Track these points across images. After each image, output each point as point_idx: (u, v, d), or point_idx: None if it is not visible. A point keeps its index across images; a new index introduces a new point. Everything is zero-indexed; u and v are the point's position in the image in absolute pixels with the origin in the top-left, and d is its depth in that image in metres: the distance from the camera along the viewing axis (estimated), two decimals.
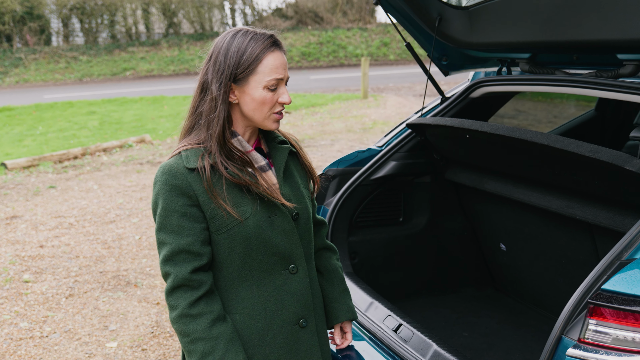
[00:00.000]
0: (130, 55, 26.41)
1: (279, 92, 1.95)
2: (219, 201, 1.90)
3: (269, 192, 1.94)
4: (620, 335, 1.70)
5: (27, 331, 4.67)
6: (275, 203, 1.97)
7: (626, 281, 1.74)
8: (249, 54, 1.91)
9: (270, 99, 1.94)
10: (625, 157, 2.15)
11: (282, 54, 1.96)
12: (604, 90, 2.57)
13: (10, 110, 16.30)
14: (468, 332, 3.20)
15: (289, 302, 2.03)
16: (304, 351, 2.07)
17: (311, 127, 12.64)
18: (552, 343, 1.83)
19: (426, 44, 3.36)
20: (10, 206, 7.91)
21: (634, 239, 1.89)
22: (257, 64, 1.91)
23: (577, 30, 2.62)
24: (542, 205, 2.80)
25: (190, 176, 1.91)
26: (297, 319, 2.05)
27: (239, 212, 1.92)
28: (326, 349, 2.19)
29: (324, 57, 27.11)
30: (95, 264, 5.92)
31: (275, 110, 1.96)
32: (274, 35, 1.97)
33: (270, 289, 2.00)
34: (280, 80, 1.94)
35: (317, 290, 2.16)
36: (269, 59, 1.92)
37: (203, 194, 1.91)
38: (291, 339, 2.04)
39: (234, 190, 1.93)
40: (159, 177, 1.94)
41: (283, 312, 2.02)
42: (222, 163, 1.92)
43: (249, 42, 1.92)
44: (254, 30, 1.95)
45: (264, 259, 1.97)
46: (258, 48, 1.91)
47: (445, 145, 3.23)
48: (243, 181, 1.92)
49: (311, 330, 2.09)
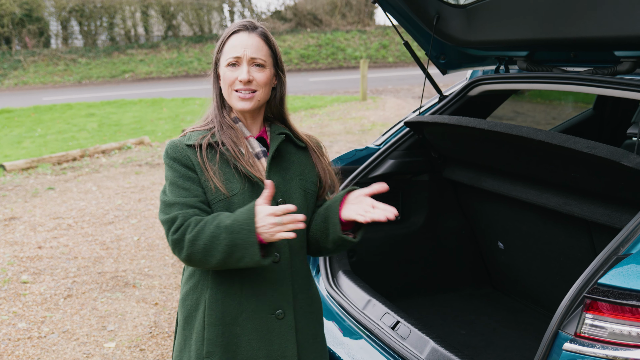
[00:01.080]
0: (129, 58, 26.44)
1: (239, 70, 2.06)
2: (210, 174, 2.04)
3: (251, 170, 2.04)
4: (617, 330, 1.70)
5: (25, 331, 4.67)
6: (262, 188, 2.03)
7: (622, 275, 1.74)
8: (221, 39, 2.13)
9: (229, 76, 2.07)
10: (622, 152, 2.16)
11: (249, 36, 2.08)
12: (601, 88, 2.58)
13: (9, 113, 16.33)
14: (466, 330, 3.21)
15: (266, 290, 2.07)
16: (278, 343, 2.09)
17: (310, 129, 12.66)
18: (549, 338, 1.83)
19: (424, 43, 3.37)
20: (9, 207, 7.91)
21: (631, 234, 1.90)
22: (224, 45, 2.11)
23: (575, 28, 2.63)
24: (539, 203, 2.80)
25: (189, 150, 2.08)
26: (274, 309, 2.08)
27: (227, 188, 2.03)
28: (309, 346, 2.18)
29: (323, 60, 27.14)
30: (93, 265, 5.92)
31: (235, 88, 2.07)
32: (251, 20, 2.13)
33: (249, 272, 2.05)
34: (238, 58, 2.06)
35: (304, 284, 2.17)
36: (232, 40, 2.10)
37: (198, 166, 2.05)
38: (264, 327, 2.08)
39: (225, 169, 2.06)
40: (165, 153, 2.12)
41: (259, 298, 2.07)
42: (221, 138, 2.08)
43: (225, 30, 2.14)
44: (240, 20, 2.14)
45: None
46: (227, 32, 2.11)
47: (443, 143, 3.24)
48: (233, 152, 2.05)
49: (288, 323, 2.10)
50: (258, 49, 2.07)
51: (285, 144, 2.17)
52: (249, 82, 2.06)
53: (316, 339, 2.23)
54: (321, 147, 2.28)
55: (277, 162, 2.13)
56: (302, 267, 2.17)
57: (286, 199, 2.10)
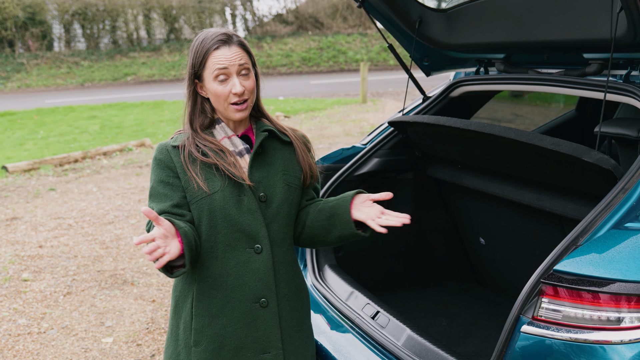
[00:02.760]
0: (132, 61, 26.48)
1: (230, 83, 2.16)
2: (192, 174, 2.16)
3: (233, 170, 2.16)
4: (571, 313, 1.82)
5: (25, 327, 4.79)
6: (243, 184, 2.16)
7: (576, 262, 1.86)
8: (200, 52, 2.18)
9: (221, 91, 2.16)
10: (583, 149, 2.28)
11: (230, 48, 2.17)
12: (570, 88, 2.70)
13: (12, 115, 16.40)
14: (447, 322, 3.32)
15: (250, 280, 2.19)
16: (262, 329, 2.21)
17: (310, 131, 12.75)
18: (511, 322, 1.95)
19: (408, 46, 3.49)
20: (11, 208, 8.03)
21: (589, 226, 2.01)
22: (206, 61, 2.17)
23: (546, 31, 2.75)
24: (515, 199, 2.92)
25: (173, 152, 2.22)
26: (258, 297, 2.20)
27: (208, 187, 2.15)
28: (293, 333, 2.29)
29: (324, 63, 27.18)
30: (93, 264, 6.04)
31: (231, 101, 2.17)
32: (227, 32, 2.20)
33: (233, 264, 2.18)
34: (224, 70, 2.15)
35: (287, 273, 2.28)
36: (214, 54, 2.16)
37: (180, 167, 2.19)
38: (250, 315, 2.20)
39: (206, 168, 2.18)
40: (153, 154, 2.26)
41: (243, 288, 2.19)
42: (196, 145, 2.19)
43: (202, 41, 2.19)
44: (210, 31, 2.21)
45: (228, 234, 2.16)
46: (206, 46, 2.17)
47: (425, 142, 3.35)
48: (212, 159, 2.16)
49: (272, 311, 2.22)
50: (241, 59, 2.17)
51: (270, 140, 2.28)
52: (242, 94, 2.16)
53: (301, 327, 2.33)
54: (306, 140, 2.38)
55: (261, 158, 2.24)
56: (285, 258, 2.28)
57: (269, 193, 2.21)
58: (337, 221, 2.23)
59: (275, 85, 21.97)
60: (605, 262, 1.84)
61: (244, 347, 2.21)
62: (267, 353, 2.23)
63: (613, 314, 1.78)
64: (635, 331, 1.75)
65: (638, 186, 2.08)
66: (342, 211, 2.21)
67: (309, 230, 2.32)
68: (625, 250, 1.87)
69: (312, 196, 2.40)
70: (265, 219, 2.20)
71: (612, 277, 1.79)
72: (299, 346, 2.32)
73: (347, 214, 2.20)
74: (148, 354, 4.38)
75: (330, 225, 2.25)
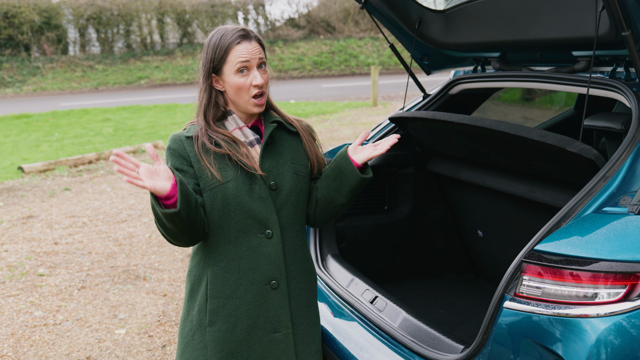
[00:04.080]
0: (145, 64, 26.59)
1: (251, 75, 2.28)
2: (205, 163, 2.27)
3: (245, 161, 2.28)
4: (550, 289, 1.95)
5: (41, 319, 4.94)
6: (255, 174, 2.29)
7: (555, 243, 2.00)
8: (221, 47, 2.29)
9: (243, 83, 2.28)
10: (568, 140, 2.41)
11: (250, 42, 2.29)
12: (561, 84, 2.82)
13: (28, 117, 16.58)
14: (445, 310, 3.44)
15: (261, 263, 2.32)
16: (273, 310, 2.35)
17: (320, 134, 12.87)
18: (496, 300, 2.08)
19: (408, 45, 3.62)
20: (27, 207, 8.21)
21: (571, 210, 2.14)
22: (227, 55, 2.28)
23: (538, 30, 2.88)
24: (509, 191, 3.05)
25: (187, 142, 2.32)
26: (268, 279, 2.33)
27: (221, 176, 2.27)
28: (302, 313, 2.43)
29: (335, 66, 27.24)
30: (106, 260, 6.20)
31: (252, 94, 2.29)
32: (244, 28, 2.31)
33: (245, 249, 2.31)
34: (246, 63, 2.27)
35: (296, 257, 2.41)
36: (236, 48, 2.28)
37: (194, 157, 2.29)
38: (261, 296, 2.33)
39: (219, 158, 2.29)
40: (167, 144, 2.37)
41: (255, 271, 2.32)
42: (209, 136, 2.30)
43: (221, 37, 2.30)
44: (227, 27, 2.32)
45: (240, 220, 2.29)
46: (227, 41, 2.28)
47: (424, 138, 3.49)
48: (225, 150, 2.27)
49: (282, 292, 2.36)
50: (260, 53, 2.30)
51: (278, 131, 2.41)
52: (262, 85, 2.30)
53: (309, 307, 2.48)
54: (311, 130, 2.52)
55: (271, 148, 2.37)
56: (294, 242, 2.41)
57: (279, 181, 2.35)
58: (344, 176, 2.36)
59: (287, 89, 22.08)
60: (583, 243, 1.97)
61: (256, 326, 2.34)
62: (277, 332, 2.36)
63: (589, 290, 1.91)
64: (609, 305, 1.88)
65: (618, 174, 2.21)
66: (344, 165, 2.36)
67: (323, 201, 2.44)
68: (602, 232, 2.00)
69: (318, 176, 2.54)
70: (275, 205, 2.33)
71: (589, 257, 1.92)
72: (307, 326, 2.46)
73: (350, 165, 2.35)
74: (159, 345, 4.51)
75: (339, 184, 2.38)
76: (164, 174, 2.09)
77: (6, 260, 6.21)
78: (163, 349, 4.46)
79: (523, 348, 1.98)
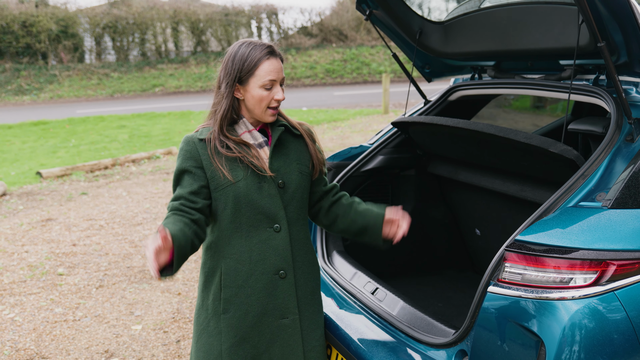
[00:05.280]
0: (160, 72, 26.80)
1: (274, 91, 2.47)
2: (217, 165, 2.45)
3: (256, 162, 2.48)
4: (529, 275, 2.15)
5: (61, 315, 5.14)
6: (264, 175, 2.49)
7: (535, 233, 2.20)
8: (250, 60, 2.43)
9: (266, 97, 2.47)
10: (550, 141, 2.61)
11: (277, 60, 2.48)
12: (549, 91, 3.02)
13: (45, 124, 16.83)
14: (443, 304, 3.62)
15: (270, 255, 2.52)
16: (281, 298, 2.55)
17: (331, 141, 13.02)
18: (482, 286, 2.28)
19: (410, 54, 3.83)
20: (46, 210, 8.42)
21: (552, 205, 2.35)
22: (256, 69, 2.43)
23: (528, 41, 3.08)
24: (502, 191, 3.25)
25: (199, 144, 2.48)
26: (277, 270, 2.53)
27: (232, 176, 2.45)
28: (307, 300, 2.64)
29: (347, 74, 27.37)
30: (123, 260, 6.39)
31: (271, 106, 2.49)
32: (272, 45, 2.49)
33: (256, 242, 2.51)
34: (274, 81, 2.46)
35: (301, 249, 2.62)
36: (265, 65, 2.44)
37: (206, 159, 2.46)
38: (270, 285, 2.53)
39: (231, 160, 2.47)
40: (180, 145, 2.51)
41: (265, 262, 2.52)
42: (220, 140, 2.48)
43: (250, 51, 2.45)
44: (255, 42, 2.48)
45: (251, 216, 2.49)
46: (257, 56, 2.44)
47: (424, 141, 3.68)
48: (236, 153, 2.46)
49: (289, 281, 2.56)
50: (282, 72, 2.50)
51: (284, 134, 2.61)
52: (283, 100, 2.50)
53: (314, 295, 2.68)
54: (312, 133, 2.71)
55: (279, 150, 2.57)
56: (299, 235, 2.61)
57: (286, 180, 2.55)
58: (369, 234, 2.70)
59: (299, 97, 22.26)
60: (559, 234, 2.17)
61: (265, 313, 2.54)
62: (285, 318, 2.56)
63: (565, 275, 2.11)
64: (582, 289, 2.08)
65: (597, 173, 2.41)
66: (375, 229, 2.69)
67: (341, 230, 2.76)
68: (577, 224, 2.20)
69: (326, 183, 2.76)
70: (283, 202, 2.53)
71: (564, 245, 2.12)
72: (312, 312, 2.66)
73: (379, 232, 2.68)
74: (174, 340, 4.69)
75: (362, 233, 2.71)
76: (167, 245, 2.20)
77: (27, 261, 6.43)
78: (177, 343, 4.64)
79: (505, 329, 2.18)
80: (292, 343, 2.58)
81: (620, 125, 2.53)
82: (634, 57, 2.53)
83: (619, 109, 2.55)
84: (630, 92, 2.71)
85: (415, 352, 2.56)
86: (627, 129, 2.52)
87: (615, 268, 2.09)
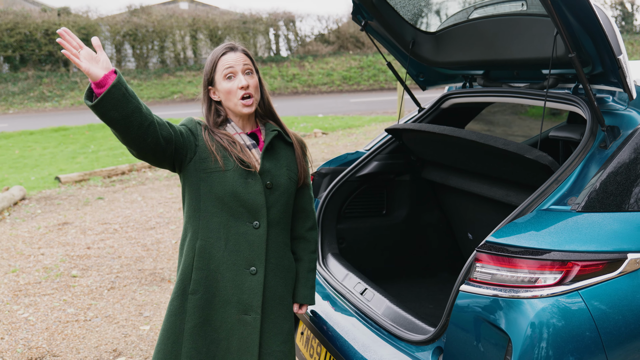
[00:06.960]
0: (178, 79, 26.97)
1: (237, 79, 2.61)
2: (212, 149, 2.58)
3: (242, 157, 2.59)
4: (498, 274, 2.27)
5: (73, 315, 5.31)
6: (251, 170, 2.60)
7: (504, 235, 2.32)
8: (212, 60, 2.65)
9: (231, 87, 2.61)
10: (527, 148, 2.72)
11: (236, 53, 2.64)
12: (532, 100, 3.14)
13: (65, 130, 17.09)
14: (433, 305, 3.73)
15: (244, 248, 2.62)
16: (247, 293, 2.63)
17: (345, 147, 13.12)
18: (457, 286, 2.40)
19: (405, 63, 3.96)
20: (63, 214, 8.64)
21: (525, 209, 2.46)
22: (216, 65, 2.63)
23: (512, 51, 3.20)
24: (489, 196, 3.36)
25: (199, 127, 2.65)
26: (249, 265, 2.63)
27: (224, 163, 2.58)
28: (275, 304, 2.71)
29: (364, 81, 27.45)
30: (135, 263, 6.56)
31: (239, 96, 2.61)
32: (233, 43, 2.67)
33: (233, 232, 2.61)
34: (231, 69, 2.60)
35: (277, 252, 2.70)
36: (223, 58, 2.63)
37: (202, 140, 2.61)
38: (239, 278, 2.62)
39: (222, 149, 2.60)
40: (182, 120, 2.68)
41: (238, 254, 2.61)
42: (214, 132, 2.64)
43: (212, 53, 2.67)
44: (220, 45, 2.67)
45: (233, 207, 2.59)
46: (217, 54, 2.65)
47: (416, 147, 3.81)
48: (225, 143, 2.60)
49: (259, 280, 2.64)
50: (245, 60, 2.64)
51: (276, 140, 2.73)
52: (247, 87, 2.61)
53: (282, 301, 2.75)
54: (304, 145, 2.83)
55: (270, 153, 2.69)
56: (278, 238, 2.71)
57: (275, 182, 2.66)
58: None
59: (315, 103, 22.40)
60: (528, 236, 2.28)
61: (229, 303, 2.62)
62: (247, 315, 2.63)
63: (532, 275, 2.22)
64: (548, 288, 2.19)
65: (570, 178, 2.52)
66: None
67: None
68: (545, 226, 2.31)
69: (308, 197, 2.87)
70: (267, 202, 2.63)
71: (532, 247, 2.24)
72: (278, 317, 2.71)
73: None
74: None
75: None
76: (103, 64, 2.29)
77: (42, 263, 6.63)
78: None
79: (475, 326, 2.30)
80: (250, 341, 2.63)
81: (595, 132, 2.63)
82: (608, 68, 2.63)
83: (593, 117, 2.65)
84: (607, 100, 2.82)
85: (396, 349, 2.68)
86: (601, 136, 2.62)
87: (580, 268, 2.20)
